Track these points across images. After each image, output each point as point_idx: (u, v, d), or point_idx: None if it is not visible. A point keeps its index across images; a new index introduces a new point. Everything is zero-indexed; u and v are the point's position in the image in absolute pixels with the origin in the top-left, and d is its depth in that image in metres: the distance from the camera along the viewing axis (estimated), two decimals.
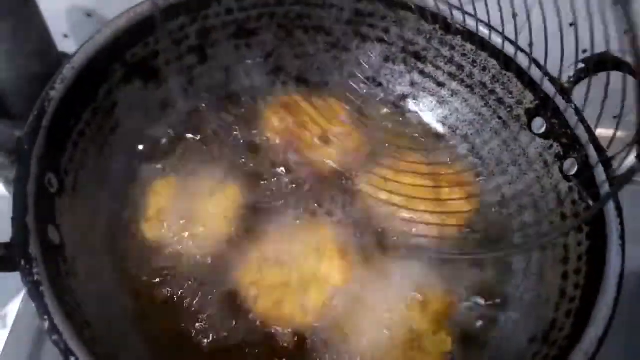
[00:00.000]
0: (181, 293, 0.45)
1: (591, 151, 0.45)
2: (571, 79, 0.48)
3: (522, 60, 0.51)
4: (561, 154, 0.49)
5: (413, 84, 0.60)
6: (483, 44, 0.53)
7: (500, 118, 0.55)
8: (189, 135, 0.55)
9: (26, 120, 0.41)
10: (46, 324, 0.33)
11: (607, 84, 0.37)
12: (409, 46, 0.58)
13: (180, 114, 0.56)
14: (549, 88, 0.49)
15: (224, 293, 0.46)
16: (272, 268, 0.46)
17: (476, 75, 0.56)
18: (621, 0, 0.30)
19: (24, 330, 0.54)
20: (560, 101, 0.48)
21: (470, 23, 0.53)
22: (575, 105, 0.47)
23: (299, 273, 0.46)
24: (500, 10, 0.46)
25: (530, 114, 0.52)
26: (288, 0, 0.56)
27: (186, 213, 0.48)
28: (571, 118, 0.47)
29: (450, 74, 0.58)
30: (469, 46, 0.55)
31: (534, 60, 0.50)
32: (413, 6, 0.54)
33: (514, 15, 0.46)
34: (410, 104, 0.61)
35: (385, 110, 0.61)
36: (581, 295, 0.42)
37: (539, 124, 0.51)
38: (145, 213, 0.49)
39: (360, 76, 0.60)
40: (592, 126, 0.46)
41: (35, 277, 0.34)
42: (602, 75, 0.42)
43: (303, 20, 0.57)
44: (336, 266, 0.47)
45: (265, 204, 0.51)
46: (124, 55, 0.49)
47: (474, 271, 0.50)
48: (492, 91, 0.55)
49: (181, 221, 0.48)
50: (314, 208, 0.51)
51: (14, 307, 0.56)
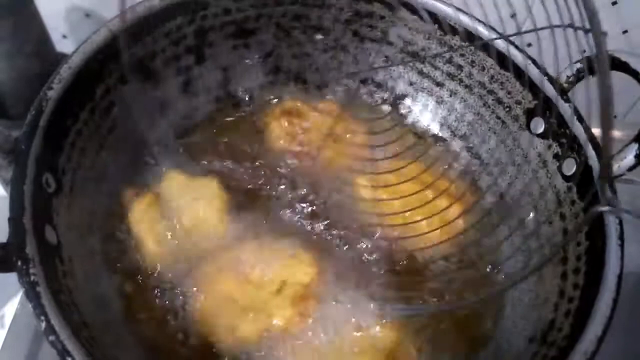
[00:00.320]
0: (177, 294, 0.45)
1: (590, 151, 0.45)
2: (570, 79, 0.48)
3: (521, 60, 0.51)
4: (560, 154, 0.49)
5: (412, 83, 0.60)
6: (481, 44, 0.52)
7: (499, 118, 0.55)
8: (188, 137, 0.55)
9: (24, 121, 0.40)
10: (43, 325, 0.33)
11: (605, 84, 0.37)
12: (408, 46, 0.58)
13: (178, 114, 0.56)
14: (547, 88, 0.49)
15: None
16: (227, 280, 0.44)
17: (475, 75, 0.55)
18: None
19: (21, 331, 0.54)
20: (558, 101, 0.48)
21: (469, 23, 0.53)
22: (573, 105, 0.47)
23: (253, 293, 0.43)
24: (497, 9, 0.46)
25: (529, 114, 0.51)
26: (286, 0, 0.56)
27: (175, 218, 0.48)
28: (570, 118, 0.47)
29: (448, 74, 0.57)
30: (467, 46, 0.55)
31: (533, 60, 0.50)
32: (411, 6, 0.54)
33: (513, 15, 0.46)
34: (409, 104, 0.61)
35: (383, 109, 0.61)
36: (580, 295, 0.42)
37: (538, 124, 0.51)
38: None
39: (359, 76, 0.60)
40: (592, 126, 0.46)
41: (32, 278, 0.34)
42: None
43: (301, 20, 0.57)
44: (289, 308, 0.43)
45: (256, 209, 0.50)
46: (121, 55, 0.49)
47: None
48: (491, 91, 0.55)
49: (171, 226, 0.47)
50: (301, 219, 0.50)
51: (11, 308, 0.55)
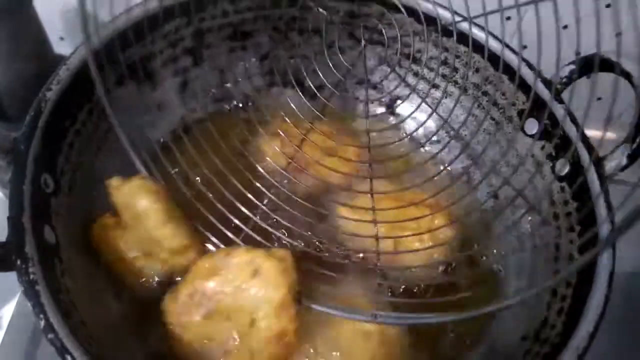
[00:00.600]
0: None
1: (582, 151, 0.46)
2: (563, 81, 0.49)
3: (515, 62, 0.51)
4: (553, 154, 0.49)
5: (407, 85, 0.60)
6: (476, 46, 0.53)
7: (493, 119, 0.55)
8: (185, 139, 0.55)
9: (22, 122, 0.41)
10: (42, 323, 0.33)
11: (592, 85, 0.38)
12: (404, 48, 0.58)
13: (176, 115, 0.57)
14: (541, 89, 0.49)
15: None
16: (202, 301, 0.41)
17: (469, 76, 0.56)
18: None
19: (18, 333, 0.54)
20: (552, 102, 0.48)
21: (464, 25, 0.53)
22: (566, 106, 0.48)
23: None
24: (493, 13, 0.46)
25: (523, 115, 0.52)
26: (283, 2, 0.56)
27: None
28: (563, 119, 0.48)
29: (444, 76, 0.58)
30: (462, 48, 0.55)
31: (526, 62, 0.50)
32: (407, 8, 0.55)
33: (508, 18, 0.47)
34: (405, 105, 0.61)
35: (379, 111, 0.61)
36: (572, 293, 0.42)
37: (531, 125, 0.51)
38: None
39: (355, 77, 0.61)
40: (585, 127, 0.47)
41: (31, 276, 0.34)
42: (593, 76, 0.43)
43: (298, 22, 0.57)
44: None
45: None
46: (119, 57, 0.49)
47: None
48: (486, 92, 0.55)
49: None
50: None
51: (8, 310, 0.56)
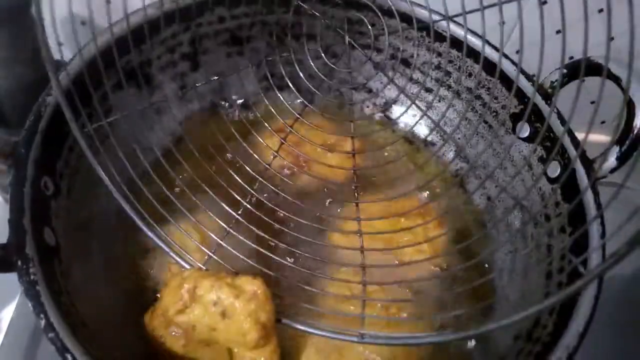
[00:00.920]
0: None
1: (573, 154, 0.47)
2: (554, 84, 0.50)
3: (507, 66, 0.52)
4: (544, 157, 0.50)
5: (401, 89, 0.61)
6: (468, 51, 0.54)
7: (486, 122, 0.56)
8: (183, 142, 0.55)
9: (21, 127, 0.42)
10: (42, 322, 0.34)
11: (578, 89, 0.38)
12: (398, 53, 0.59)
13: (174, 120, 0.57)
14: (532, 93, 0.50)
15: None
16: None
17: (462, 81, 0.57)
18: None
19: (18, 335, 0.54)
20: (543, 106, 0.50)
21: (457, 30, 0.54)
22: (557, 109, 0.49)
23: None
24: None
25: (515, 119, 0.53)
26: (279, 8, 0.57)
27: None
28: (554, 122, 0.49)
29: (437, 80, 0.59)
30: (455, 53, 0.56)
31: (518, 66, 0.51)
32: (400, 14, 0.55)
33: (502, 23, 0.48)
34: (399, 109, 0.62)
35: (374, 115, 0.62)
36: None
37: (523, 128, 0.52)
38: None
39: (350, 82, 0.62)
40: (577, 130, 0.48)
41: (32, 277, 0.35)
42: (588, 80, 0.44)
43: (294, 28, 0.58)
44: None
45: None
46: (118, 62, 0.50)
47: None
48: (478, 96, 0.56)
49: None
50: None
51: (7, 313, 0.56)
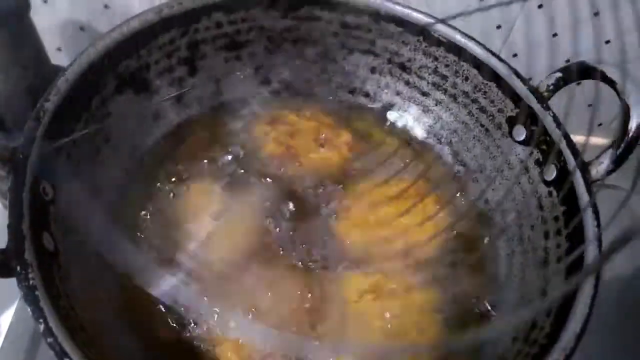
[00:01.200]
0: None
1: (569, 157, 0.47)
2: (550, 88, 0.50)
3: (503, 70, 0.52)
4: (540, 160, 0.50)
5: (398, 93, 0.61)
6: (465, 55, 0.54)
7: (482, 126, 0.56)
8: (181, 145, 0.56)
9: (21, 133, 0.42)
10: (41, 327, 0.34)
11: (573, 92, 0.39)
12: (395, 57, 0.60)
13: (171, 125, 0.57)
14: (528, 97, 0.50)
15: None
16: None
17: (459, 84, 0.57)
18: None
19: (17, 340, 0.54)
20: (539, 109, 0.50)
21: (453, 35, 0.55)
22: (553, 112, 0.49)
23: None
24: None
25: (511, 122, 0.53)
26: (276, 14, 0.58)
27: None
28: (549, 125, 0.49)
29: (434, 84, 0.59)
30: (451, 57, 0.56)
31: (514, 70, 0.52)
32: (397, 19, 0.56)
33: (498, 27, 0.48)
34: (396, 113, 0.62)
35: (371, 119, 0.62)
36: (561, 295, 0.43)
37: (520, 132, 0.52)
38: None
39: (348, 87, 0.62)
40: (574, 133, 0.48)
41: (31, 282, 0.35)
42: (586, 84, 0.44)
43: (291, 32, 0.59)
44: None
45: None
46: (116, 67, 0.50)
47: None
48: (475, 100, 0.56)
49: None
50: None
51: (6, 318, 0.56)
